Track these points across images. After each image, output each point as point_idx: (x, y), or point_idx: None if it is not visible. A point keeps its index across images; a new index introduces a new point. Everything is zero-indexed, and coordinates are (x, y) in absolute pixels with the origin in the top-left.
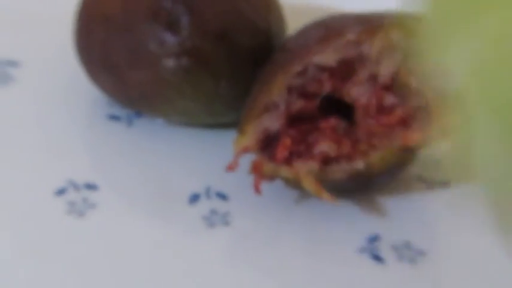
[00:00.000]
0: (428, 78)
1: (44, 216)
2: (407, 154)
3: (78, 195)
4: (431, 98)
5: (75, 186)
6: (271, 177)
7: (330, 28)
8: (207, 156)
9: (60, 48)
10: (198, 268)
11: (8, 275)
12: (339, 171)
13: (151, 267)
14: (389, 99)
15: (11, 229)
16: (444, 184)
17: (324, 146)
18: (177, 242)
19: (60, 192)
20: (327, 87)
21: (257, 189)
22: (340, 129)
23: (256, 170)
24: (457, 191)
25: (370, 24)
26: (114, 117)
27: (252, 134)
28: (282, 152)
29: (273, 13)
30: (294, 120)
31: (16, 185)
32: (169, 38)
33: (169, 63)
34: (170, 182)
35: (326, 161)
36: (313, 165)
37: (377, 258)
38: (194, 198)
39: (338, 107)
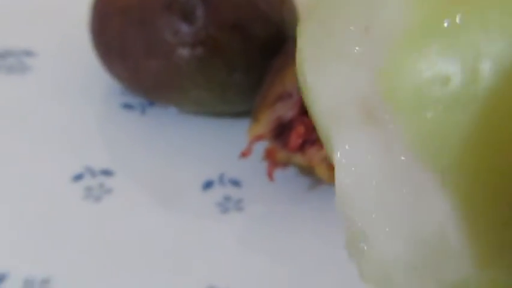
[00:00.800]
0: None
1: (62, 202)
2: None
3: (94, 180)
4: None
5: (92, 172)
6: (285, 165)
7: None
8: (220, 143)
9: (75, 38)
10: (211, 253)
11: (27, 259)
12: None
13: (165, 252)
14: None
15: (30, 214)
16: None
17: None
18: (191, 228)
19: (77, 178)
20: None
21: (270, 176)
22: None
23: (270, 157)
24: None
25: None
26: (127, 106)
27: (265, 122)
28: (295, 140)
29: (286, 4)
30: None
31: (34, 173)
32: (184, 28)
33: (184, 52)
34: (184, 169)
35: None
36: (326, 152)
37: None
38: (208, 185)
39: None
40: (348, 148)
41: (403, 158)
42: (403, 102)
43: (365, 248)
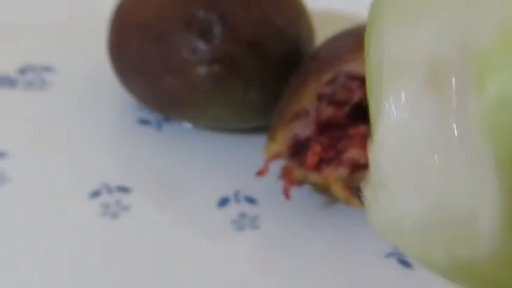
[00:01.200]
0: None
1: (79, 218)
2: None
3: (111, 197)
4: None
5: (109, 189)
6: (301, 183)
7: (360, 37)
8: (236, 160)
9: (94, 54)
10: (226, 271)
11: (44, 275)
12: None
13: (181, 269)
14: None
15: (48, 231)
16: None
17: (354, 153)
18: (207, 245)
19: (95, 194)
20: (357, 95)
21: (287, 194)
22: (369, 137)
23: (286, 176)
24: None
25: None
26: (144, 122)
27: (282, 141)
28: (312, 158)
29: (303, 22)
30: (324, 127)
31: (52, 188)
32: (202, 46)
33: (202, 70)
34: (199, 186)
35: (355, 167)
36: (343, 171)
37: (404, 263)
38: (223, 202)
39: (367, 114)
40: (404, 101)
41: (460, 127)
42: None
43: (382, 195)
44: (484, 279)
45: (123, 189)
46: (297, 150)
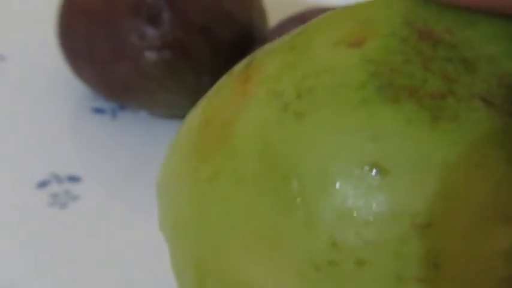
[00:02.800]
0: None
1: (26, 208)
2: None
3: (60, 187)
4: None
5: (58, 179)
6: None
7: (306, 22)
8: None
9: (45, 42)
10: None
11: None
12: None
13: (133, 258)
14: None
15: None
16: None
17: None
18: (160, 234)
19: (43, 184)
20: None
21: None
22: None
23: None
24: None
25: None
26: (98, 110)
27: None
28: None
29: (255, 6)
30: None
31: None
32: (151, 31)
33: (151, 56)
34: (153, 175)
35: None
36: None
37: None
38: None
39: None
40: None
41: None
42: None
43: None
44: None
45: (73, 179)
46: None
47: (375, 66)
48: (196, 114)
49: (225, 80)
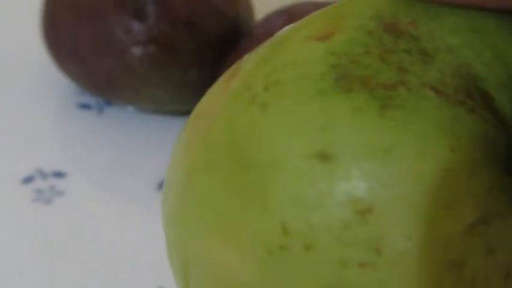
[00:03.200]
0: None
1: (10, 204)
2: None
3: (45, 183)
4: None
5: (43, 175)
6: None
7: (293, 15)
8: None
9: (29, 37)
10: (165, 255)
11: None
12: None
13: (119, 254)
14: None
15: None
16: None
17: None
18: (145, 229)
19: (27, 180)
20: None
21: None
22: None
23: None
24: None
25: None
26: (84, 106)
27: None
28: None
29: (241, 0)
30: None
31: None
32: (136, 26)
33: (136, 51)
34: (140, 170)
35: None
36: None
37: None
38: (163, 185)
39: None
40: None
41: None
42: None
43: None
44: None
45: (58, 175)
46: None
47: (336, 58)
48: (195, 108)
49: (221, 77)
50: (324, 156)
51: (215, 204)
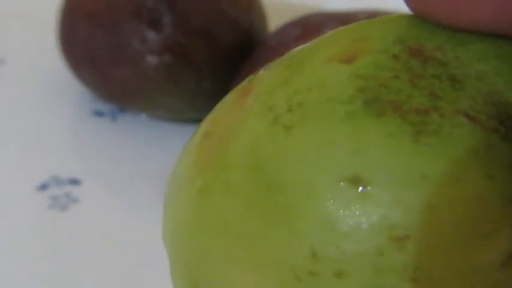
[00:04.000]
0: None
1: (27, 211)
2: None
3: (60, 190)
4: None
5: (58, 182)
6: None
7: (307, 26)
8: None
9: (45, 45)
10: None
11: None
12: None
13: (133, 261)
14: None
15: None
16: None
17: None
18: (160, 235)
19: (43, 187)
20: None
21: None
22: None
23: None
24: None
25: (347, 23)
26: (98, 113)
27: None
28: None
29: (255, 10)
30: None
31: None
32: (152, 35)
33: (152, 60)
34: (153, 177)
35: None
36: None
37: None
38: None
39: None
40: None
41: None
42: None
43: None
44: None
45: (74, 182)
46: None
47: (363, 81)
48: (202, 125)
49: (230, 94)
50: (356, 180)
51: (234, 225)
